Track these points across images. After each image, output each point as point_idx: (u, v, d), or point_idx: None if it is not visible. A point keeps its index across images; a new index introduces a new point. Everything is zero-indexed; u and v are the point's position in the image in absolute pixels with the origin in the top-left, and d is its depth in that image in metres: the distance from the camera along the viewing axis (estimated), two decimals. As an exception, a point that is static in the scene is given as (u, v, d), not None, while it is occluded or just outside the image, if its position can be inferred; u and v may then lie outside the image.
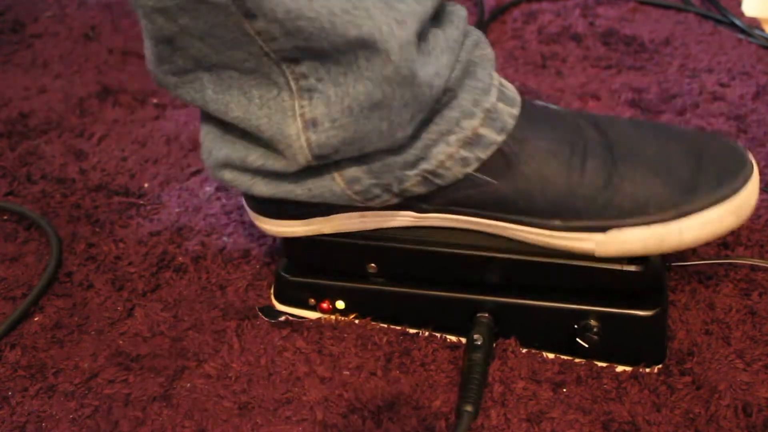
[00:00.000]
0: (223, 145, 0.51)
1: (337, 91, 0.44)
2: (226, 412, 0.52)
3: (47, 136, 0.81)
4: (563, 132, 0.51)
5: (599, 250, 0.50)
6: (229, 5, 0.41)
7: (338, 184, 0.49)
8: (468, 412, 0.49)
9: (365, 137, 0.46)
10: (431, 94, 0.45)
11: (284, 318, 0.58)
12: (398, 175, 0.49)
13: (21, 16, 1.06)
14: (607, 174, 0.49)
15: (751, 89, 0.82)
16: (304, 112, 0.45)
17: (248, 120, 0.46)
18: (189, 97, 0.47)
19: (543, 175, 0.49)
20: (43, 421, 0.52)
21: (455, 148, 0.49)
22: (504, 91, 0.50)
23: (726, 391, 0.51)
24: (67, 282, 0.63)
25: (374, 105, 0.44)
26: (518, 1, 1.03)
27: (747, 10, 0.98)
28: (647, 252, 0.50)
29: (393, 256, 0.55)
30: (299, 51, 0.43)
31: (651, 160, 0.50)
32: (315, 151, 0.46)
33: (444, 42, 0.46)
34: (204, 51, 0.44)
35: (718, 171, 0.49)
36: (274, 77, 0.44)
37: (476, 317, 0.53)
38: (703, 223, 0.49)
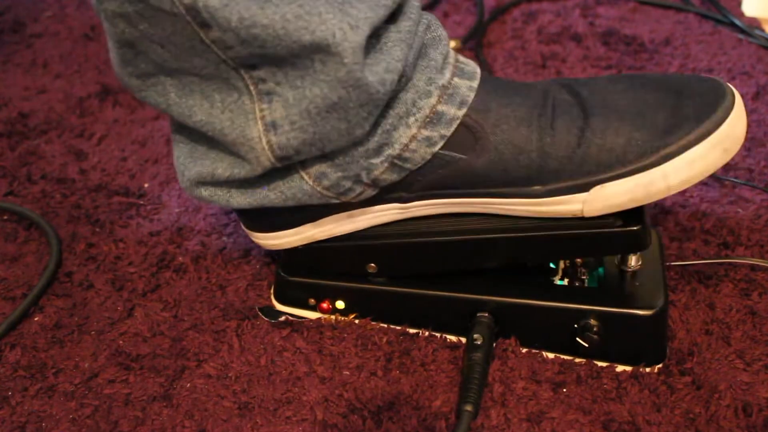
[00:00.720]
0: (192, 164, 0.51)
1: (295, 94, 0.45)
2: (226, 412, 0.52)
3: (47, 136, 0.81)
4: (529, 97, 0.50)
5: (587, 209, 0.49)
6: (183, 15, 0.41)
7: (307, 183, 0.50)
8: (468, 411, 0.49)
9: (325, 137, 0.46)
10: (385, 90, 0.45)
11: (284, 318, 0.58)
12: (364, 165, 0.49)
13: (21, 16, 1.06)
14: (579, 130, 0.48)
15: (751, 89, 0.82)
16: (264, 114, 0.46)
17: (211, 124, 0.47)
18: (153, 100, 0.48)
19: (513, 143, 0.49)
20: (43, 421, 0.52)
21: (416, 130, 0.48)
22: (461, 67, 0.50)
23: (726, 391, 0.51)
24: (67, 282, 0.63)
25: (331, 107, 0.45)
26: (518, 1, 1.03)
27: (747, 10, 0.98)
28: (636, 203, 0.48)
29: (389, 253, 0.54)
30: (256, 57, 0.43)
31: (625, 109, 0.49)
32: (277, 152, 0.47)
33: (396, 35, 0.46)
34: (164, 56, 0.45)
35: (697, 107, 0.48)
36: (234, 82, 0.45)
37: (476, 317, 0.53)
38: (689, 163, 0.47)
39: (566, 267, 0.56)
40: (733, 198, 0.68)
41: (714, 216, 0.66)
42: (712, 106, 0.47)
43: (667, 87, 0.50)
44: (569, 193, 0.49)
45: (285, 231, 0.55)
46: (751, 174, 0.71)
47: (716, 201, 0.67)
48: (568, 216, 0.50)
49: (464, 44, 0.94)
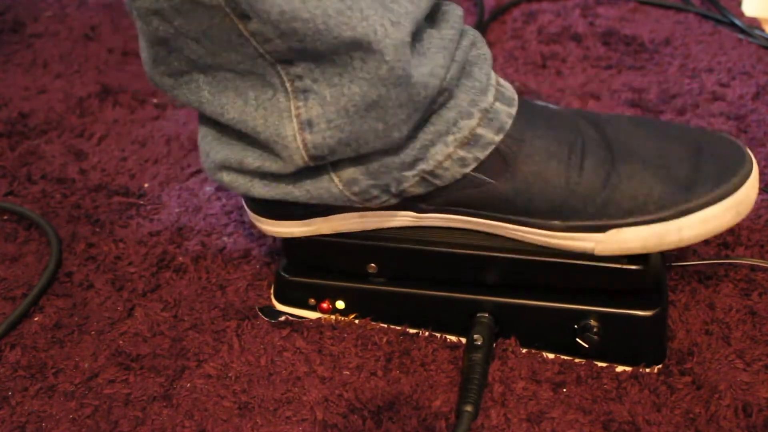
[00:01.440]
0: (220, 147, 0.51)
1: (333, 92, 0.44)
2: (226, 412, 0.52)
3: (47, 136, 0.81)
4: (561, 131, 0.51)
5: (599, 249, 0.50)
6: (222, 7, 0.41)
7: (336, 186, 0.49)
8: (468, 412, 0.49)
9: (361, 138, 0.46)
10: (426, 94, 0.45)
11: (284, 318, 0.58)
12: (396, 176, 0.49)
13: (21, 16, 1.06)
14: (605, 173, 0.49)
15: (751, 89, 0.82)
16: (299, 113, 0.45)
17: (244, 122, 0.46)
18: (185, 98, 0.47)
19: (541, 175, 0.49)
20: (43, 421, 0.52)
21: (453, 149, 0.49)
22: (502, 91, 0.50)
23: (726, 391, 0.51)
24: (67, 282, 0.63)
25: (369, 105, 0.44)
26: (518, 1, 1.03)
27: (747, 10, 0.98)
28: (647, 250, 0.50)
29: (393, 256, 0.55)
30: (294, 52, 0.43)
31: (649, 158, 0.50)
32: (311, 151, 0.46)
33: (439, 41, 0.46)
34: (199, 52, 0.44)
35: (717, 168, 0.49)
36: (270, 78, 0.45)
37: (476, 317, 0.53)
38: (703, 221, 0.49)
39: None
40: (733, 198, 0.68)
41: (714, 216, 0.66)
42: (731, 169, 0.49)
43: (689, 141, 0.51)
44: (586, 232, 0.50)
45: (293, 222, 0.54)
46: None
47: (716, 201, 0.67)
48: (578, 251, 0.51)
49: (464, 44, 0.94)
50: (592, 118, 0.53)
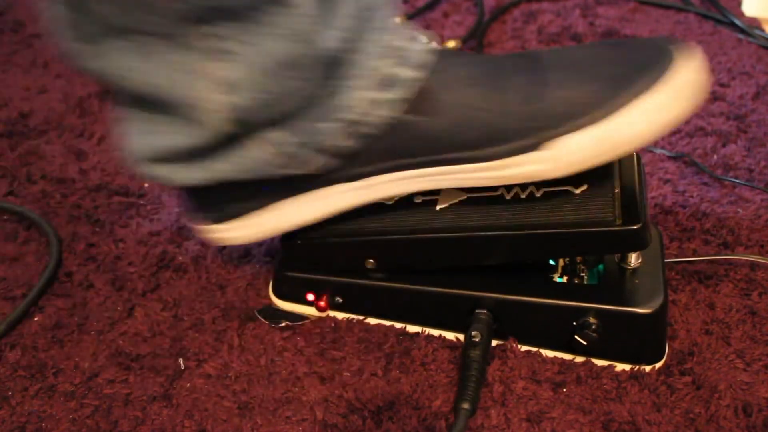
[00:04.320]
0: (144, 138, 0.49)
1: (252, 51, 0.43)
2: (226, 411, 0.52)
3: (47, 136, 0.81)
4: (486, 62, 0.50)
5: (551, 168, 0.47)
6: None
7: (266, 151, 0.48)
8: (465, 409, 0.49)
9: (283, 96, 0.45)
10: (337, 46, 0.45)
11: (284, 324, 0.58)
12: (322, 130, 0.48)
13: (21, 16, 1.06)
14: (531, 85, 0.47)
15: (751, 89, 0.82)
16: (221, 74, 0.44)
17: (163, 87, 0.45)
18: (98, 66, 0.46)
19: (464, 102, 0.48)
20: (43, 421, 0.52)
21: (373, 92, 0.48)
22: (415, 35, 0.50)
23: (726, 391, 0.51)
24: (67, 282, 0.63)
25: (288, 63, 0.44)
26: (518, 1, 1.03)
27: (747, 10, 0.98)
28: (601, 158, 0.47)
29: (390, 249, 0.54)
30: (211, 11, 0.42)
31: (577, 64, 0.48)
32: (233, 114, 0.45)
33: None
34: (115, 13, 0.43)
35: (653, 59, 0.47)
36: (189, 40, 0.44)
37: (475, 314, 0.53)
38: (650, 110, 0.46)
39: (566, 264, 0.55)
40: (733, 198, 0.68)
41: (714, 216, 0.66)
42: (668, 55, 0.46)
43: (622, 44, 0.50)
44: (527, 152, 0.47)
45: (233, 222, 0.54)
46: (751, 174, 0.70)
47: (716, 201, 0.67)
48: (533, 179, 0.49)
49: (464, 44, 0.94)
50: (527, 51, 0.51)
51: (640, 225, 0.49)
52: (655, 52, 0.47)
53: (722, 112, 0.79)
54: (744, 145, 0.74)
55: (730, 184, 0.69)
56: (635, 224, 0.49)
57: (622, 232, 0.49)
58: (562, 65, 0.48)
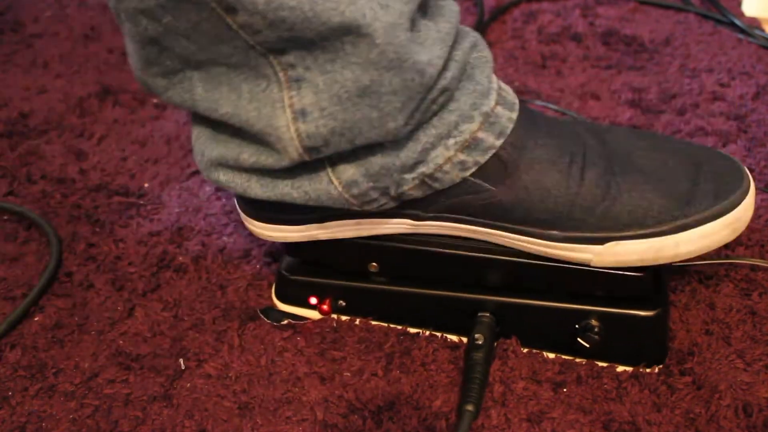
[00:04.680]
0: (215, 144, 0.50)
1: (325, 79, 0.44)
2: (226, 412, 0.52)
3: (47, 136, 0.81)
4: (562, 140, 0.51)
5: (596, 261, 0.50)
6: (208, 2, 0.41)
7: (335, 188, 0.49)
8: (469, 411, 0.49)
9: (355, 126, 0.45)
10: (422, 81, 0.45)
11: (286, 322, 0.58)
12: (396, 179, 0.49)
13: (21, 16, 1.06)
14: (606, 185, 0.49)
15: (751, 89, 0.82)
16: (293, 102, 0.45)
17: (238, 115, 0.46)
18: (179, 98, 0.47)
19: (542, 185, 0.49)
20: (43, 421, 0.52)
21: (453, 152, 0.48)
22: (503, 95, 0.50)
23: (726, 391, 0.51)
24: (67, 282, 0.63)
25: (362, 91, 0.44)
26: (518, 1, 1.03)
27: (747, 10, 0.98)
28: (643, 263, 0.50)
29: (394, 256, 0.55)
30: (284, 41, 0.42)
31: (649, 172, 0.50)
32: (305, 142, 0.46)
33: (436, 33, 0.46)
34: (190, 49, 0.44)
35: (716, 185, 0.50)
36: (262, 69, 0.44)
37: (477, 317, 0.53)
38: (700, 237, 0.49)
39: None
40: (734, 198, 0.68)
41: (714, 216, 0.66)
42: (730, 187, 0.50)
43: (689, 156, 0.52)
44: (585, 243, 0.50)
45: (289, 226, 0.54)
46: (751, 174, 0.70)
47: (716, 201, 0.67)
48: (576, 262, 0.51)
49: (464, 44, 0.94)
50: (592, 127, 0.53)
51: (644, 273, 0.50)
52: (722, 180, 0.50)
53: (722, 112, 0.79)
54: (744, 145, 0.74)
55: (731, 185, 0.69)
56: (640, 272, 0.51)
57: (627, 277, 0.51)
58: (634, 168, 0.50)
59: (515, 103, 0.50)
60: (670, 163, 0.51)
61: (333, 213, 0.53)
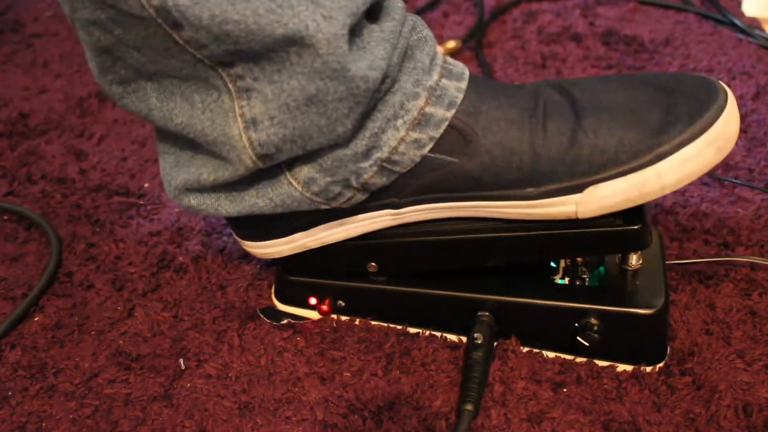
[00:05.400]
0: (177, 171, 0.51)
1: (273, 89, 0.44)
2: (226, 411, 0.52)
3: (47, 136, 0.81)
4: (519, 99, 0.50)
5: (580, 210, 0.49)
6: (154, 18, 0.41)
7: (295, 188, 0.49)
8: (468, 411, 0.49)
9: (305, 133, 0.46)
10: (367, 86, 0.45)
11: (286, 321, 0.58)
12: (353, 169, 0.49)
13: (21, 16, 1.06)
14: (571, 131, 0.48)
15: (751, 89, 0.82)
16: (243, 112, 0.45)
17: (192, 125, 0.47)
18: (134, 107, 0.48)
19: (504, 145, 0.48)
20: (43, 421, 0.52)
21: (405, 132, 0.48)
22: (448, 68, 0.50)
23: (726, 391, 0.51)
24: (67, 282, 0.63)
25: (309, 100, 0.44)
26: (518, 1, 1.03)
27: (747, 10, 0.98)
28: (630, 203, 0.48)
29: (392, 253, 0.54)
30: (231, 54, 0.43)
31: (616, 108, 0.49)
32: (258, 150, 0.46)
33: (379, 34, 0.46)
34: (141, 61, 0.45)
35: (690, 106, 0.48)
36: (212, 81, 0.45)
37: (477, 316, 0.53)
38: (681, 162, 0.47)
39: (567, 266, 0.56)
40: (733, 198, 0.68)
41: (714, 216, 0.66)
42: (704, 104, 0.47)
43: (659, 85, 0.50)
44: (562, 195, 0.49)
45: (276, 240, 0.55)
46: (751, 174, 0.71)
47: (716, 201, 0.67)
48: (562, 218, 0.50)
49: (464, 44, 0.94)
50: (557, 83, 0.52)
51: (641, 225, 0.49)
52: (695, 100, 0.48)
53: (722, 112, 0.79)
54: (744, 145, 0.74)
55: (730, 184, 0.69)
56: (636, 224, 0.49)
57: (623, 232, 0.49)
58: (601, 107, 0.49)
59: (464, 73, 0.50)
60: (638, 96, 0.49)
61: (314, 218, 0.53)
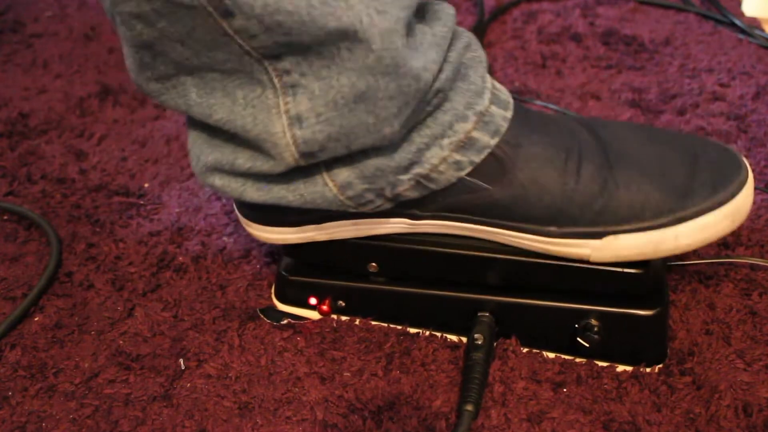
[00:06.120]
0: (211, 149, 0.50)
1: (321, 85, 0.44)
2: (226, 412, 0.52)
3: (47, 136, 0.81)
4: (558, 137, 0.50)
5: (595, 255, 0.50)
6: (204, 6, 0.40)
7: (330, 190, 0.49)
8: (468, 411, 0.49)
9: (351, 132, 0.45)
10: (418, 87, 0.45)
11: (286, 321, 0.58)
12: (391, 180, 0.49)
13: (21, 16, 1.06)
14: (602, 179, 0.49)
15: (751, 89, 0.82)
16: (288, 108, 0.44)
17: (233, 121, 0.46)
18: (173, 102, 0.47)
19: (538, 182, 0.49)
20: (43, 421, 0.52)
21: (448, 152, 0.48)
22: (497, 94, 0.50)
23: (726, 391, 0.51)
24: (67, 282, 0.63)
25: (358, 97, 0.44)
26: (518, 1, 1.03)
27: (747, 10, 0.98)
28: (643, 257, 0.50)
29: (394, 256, 0.55)
30: (280, 47, 0.42)
31: (646, 165, 0.50)
32: (301, 147, 0.46)
33: (431, 38, 0.46)
34: (185, 54, 0.44)
35: (713, 176, 0.50)
36: (257, 75, 0.44)
37: (477, 316, 0.53)
38: (699, 228, 0.49)
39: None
40: (734, 198, 0.68)
41: (714, 216, 0.66)
42: (727, 177, 0.49)
43: (685, 147, 0.51)
44: (583, 239, 0.50)
45: (285, 228, 0.54)
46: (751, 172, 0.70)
47: (716, 201, 0.67)
48: (574, 258, 0.51)
49: (464, 44, 0.94)
50: (587, 123, 0.53)
51: (643, 270, 0.50)
52: (719, 171, 0.50)
53: (722, 112, 0.79)
54: (744, 145, 0.74)
55: (731, 185, 0.69)
56: (639, 268, 0.50)
57: (625, 274, 0.51)
58: (631, 161, 0.50)
59: (509, 101, 0.50)
60: (666, 155, 0.51)
61: (330, 214, 0.53)
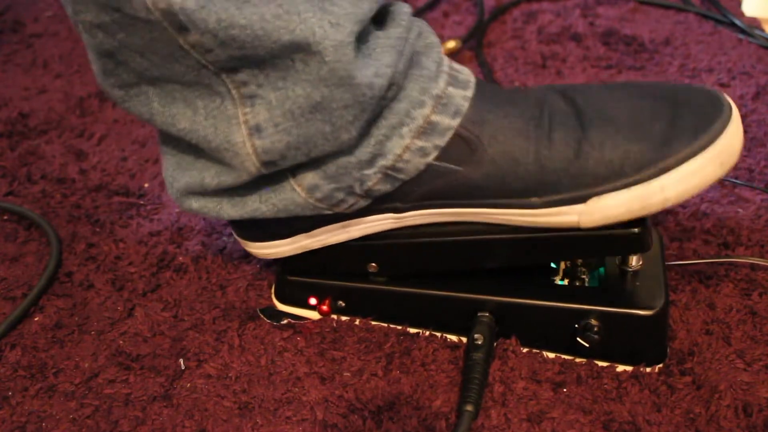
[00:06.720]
0: (181, 173, 0.51)
1: (278, 96, 0.44)
2: (226, 412, 0.52)
3: (47, 136, 0.81)
4: (524, 107, 0.49)
5: (583, 221, 0.49)
6: (160, 21, 0.41)
7: (299, 194, 0.49)
8: (468, 411, 0.49)
9: (310, 140, 0.46)
10: (372, 94, 0.45)
11: (286, 321, 0.58)
12: (357, 176, 0.49)
13: (21, 16, 1.06)
14: (576, 143, 0.48)
15: (751, 89, 0.82)
16: (247, 118, 0.45)
17: (195, 131, 0.47)
18: (136, 110, 0.48)
19: (510, 155, 0.48)
20: (43, 421, 0.52)
21: (410, 140, 0.48)
22: (455, 75, 0.49)
23: (726, 391, 0.51)
24: (67, 282, 0.63)
25: (314, 107, 0.44)
26: (518, 1, 1.03)
27: (747, 10, 0.98)
28: (633, 215, 0.48)
29: (392, 253, 0.54)
30: (236, 60, 0.43)
31: (622, 120, 0.48)
32: (262, 156, 0.46)
33: (385, 41, 0.46)
34: (144, 65, 0.44)
35: (695, 120, 0.47)
36: (216, 87, 0.45)
37: (477, 316, 0.53)
38: (685, 176, 0.47)
39: (567, 267, 0.56)
40: (733, 198, 0.68)
41: (714, 216, 0.66)
42: (709, 118, 0.47)
43: (664, 96, 0.49)
44: (566, 205, 0.49)
45: (278, 241, 0.55)
46: (751, 174, 0.71)
47: (716, 201, 0.67)
48: (564, 227, 0.50)
49: (464, 44, 0.94)
50: (561, 89, 0.51)
51: (641, 228, 0.49)
52: (700, 113, 0.48)
53: (722, 112, 0.79)
54: (744, 145, 0.74)
55: (730, 184, 0.69)
56: (636, 228, 0.49)
57: (624, 235, 0.49)
58: (606, 118, 0.48)
59: (470, 80, 0.50)
60: (644, 107, 0.49)
61: (314, 220, 0.53)
